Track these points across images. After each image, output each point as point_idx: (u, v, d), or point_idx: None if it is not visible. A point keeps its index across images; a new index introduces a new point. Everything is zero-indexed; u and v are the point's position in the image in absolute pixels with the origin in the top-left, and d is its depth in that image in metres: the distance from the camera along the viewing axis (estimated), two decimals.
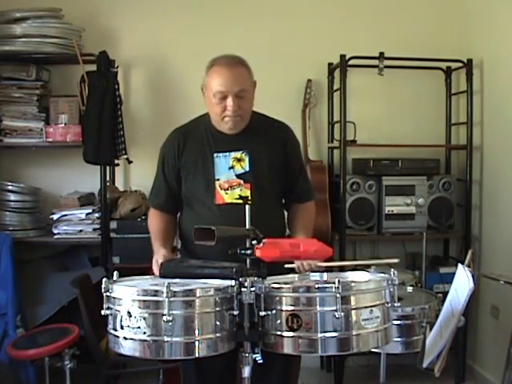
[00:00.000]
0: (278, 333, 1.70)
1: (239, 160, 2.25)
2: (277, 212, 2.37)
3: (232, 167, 2.25)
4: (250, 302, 1.73)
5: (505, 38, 3.28)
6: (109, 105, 3.29)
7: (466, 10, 3.74)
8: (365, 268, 2.18)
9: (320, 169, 3.67)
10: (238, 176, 2.25)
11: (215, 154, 2.26)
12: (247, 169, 2.25)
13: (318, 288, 1.71)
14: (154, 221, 2.37)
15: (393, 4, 3.84)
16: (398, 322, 2.31)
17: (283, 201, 2.42)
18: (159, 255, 2.11)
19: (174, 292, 1.66)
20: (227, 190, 2.23)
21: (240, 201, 2.21)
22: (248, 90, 2.19)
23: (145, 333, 1.66)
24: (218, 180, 2.24)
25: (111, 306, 1.74)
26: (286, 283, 1.83)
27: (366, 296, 1.72)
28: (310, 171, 3.61)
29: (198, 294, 1.69)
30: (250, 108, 2.25)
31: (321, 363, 3.81)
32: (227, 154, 2.25)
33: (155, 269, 2.06)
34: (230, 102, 2.15)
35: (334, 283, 1.66)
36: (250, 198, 2.22)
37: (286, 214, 2.44)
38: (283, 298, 1.70)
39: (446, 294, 2.04)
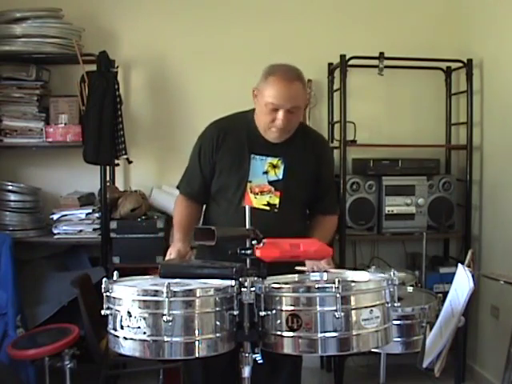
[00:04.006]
0: (278, 333, 1.70)
1: (274, 166, 2.25)
2: (301, 221, 2.38)
3: (266, 172, 2.25)
4: (250, 302, 1.73)
5: (505, 38, 3.28)
6: (109, 105, 3.29)
7: (466, 10, 3.74)
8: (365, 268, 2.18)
9: None
10: (270, 182, 2.24)
11: (252, 156, 2.25)
12: (280, 176, 2.25)
13: (318, 288, 1.71)
14: (181, 208, 2.35)
15: (393, 4, 3.84)
16: (398, 322, 2.31)
17: (307, 210, 2.43)
18: (174, 249, 2.14)
19: (174, 292, 1.66)
20: (257, 194, 2.23)
21: (267, 207, 2.21)
22: (301, 106, 2.20)
23: (145, 333, 1.66)
24: (251, 182, 2.24)
25: (111, 306, 1.74)
26: (286, 283, 1.83)
27: (366, 296, 1.72)
28: None
29: (198, 294, 1.69)
30: (298, 122, 2.24)
31: (321, 363, 3.81)
32: (264, 157, 2.25)
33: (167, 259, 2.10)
34: (280, 115, 2.14)
35: (333, 283, 1.66)
36: (277, 206, 2.22)
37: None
38: (283, 298, 1.70)
39: (445, 294, 2.04)
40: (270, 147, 2.25)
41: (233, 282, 1.73)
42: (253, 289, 1.72)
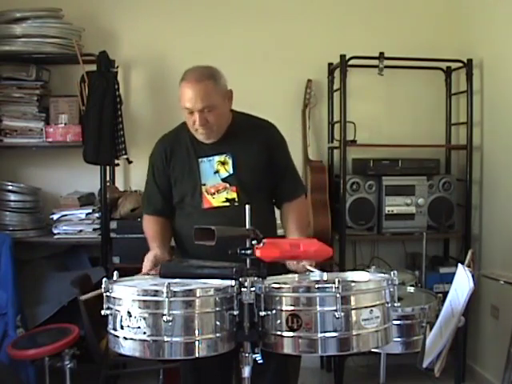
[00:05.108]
0: (278, 333, 1.70)
1: (223, 163, 2.29)
2: (265, 212, 2.36)
3: (217, 171, 2.29)
4: (250, 302, 1.72)
5: (505, 38, 3.28)
6: (109, 105, 3.29)
7: (466, 10, 3.74)
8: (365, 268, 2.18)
9: (320, 169, 3.67)
10: (224, 180, 2.28)
11: (200, 160, 2.29)
12: (231, 171, 2.28)
13: (318, 288, 1.70)
14: (150, 226, 2.38)
15: (393, 4, 3.84)
16: (398, 322, 2.31)
17: (273, 200, 2.43)
18: (152, 254, 2.16)
19: (174, 292, 1.66)
20: (214, 194, 2.27)
21: (227, 203, 2.25)
22: (216, 104, 2.19)
23: (145, 333, 1.66)
24: (205, 185, 2.28)
25: (111, 306, 1.73)
26: (285, 283, 1.83)
27: (366, 296, 1.71)
28: (310, 171, 3.62)
29: (198, 294, 1.69)
30: (220, 119, 2.24)
31: (321, 363, 3.81)
32: (211, 158, 2.29)
33: (144, 265, 2.12)
34: (196, 117, 2.19)
35: (334, 283, 1.65)
36: (236, 199, 2.24)
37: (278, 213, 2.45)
38: (283, 298, 1.70)
39: (446, 294, 2.03)
40: (214, 147, 2.29)
41: (233, 282, 1.73)
42: (253, 289, 1.72)
